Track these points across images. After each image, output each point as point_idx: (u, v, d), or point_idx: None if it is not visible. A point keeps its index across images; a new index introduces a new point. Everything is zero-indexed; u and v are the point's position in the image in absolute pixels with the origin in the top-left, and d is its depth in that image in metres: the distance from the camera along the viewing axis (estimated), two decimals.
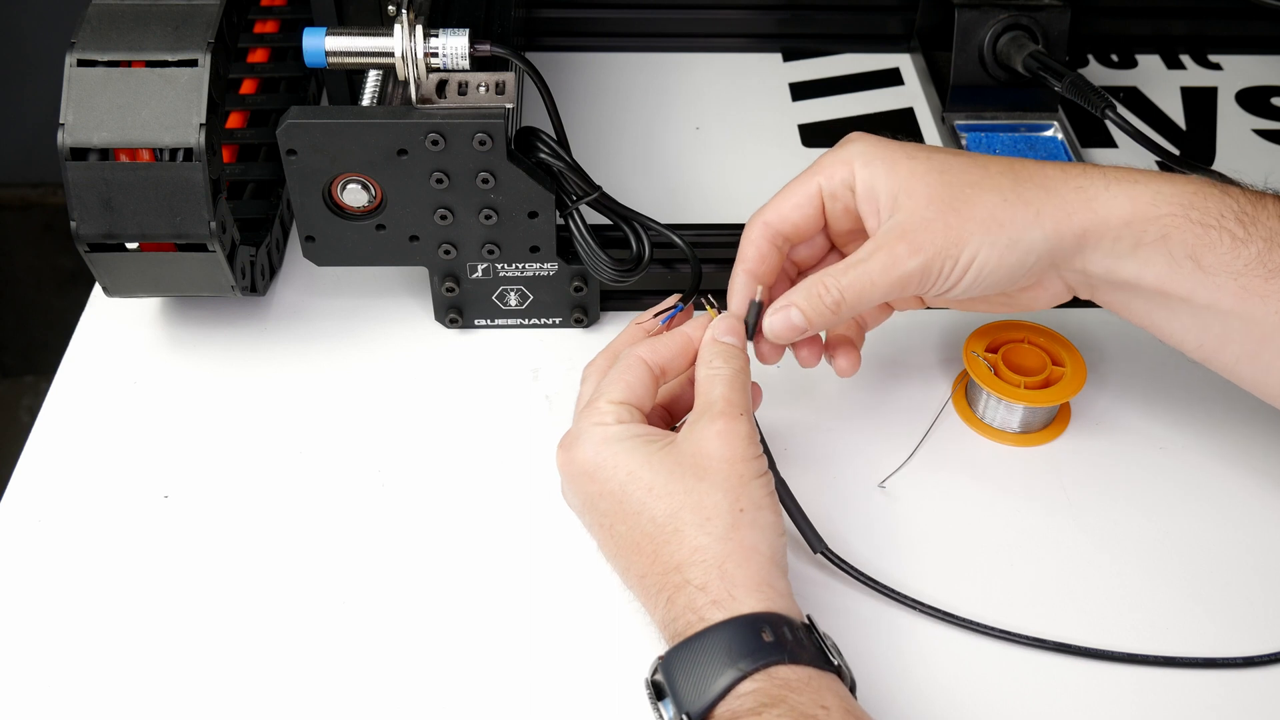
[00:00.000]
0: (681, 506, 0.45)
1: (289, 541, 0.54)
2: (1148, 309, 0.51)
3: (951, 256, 0.49)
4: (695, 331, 0.51)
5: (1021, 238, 0.49)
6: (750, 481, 0.46)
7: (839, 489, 0.56)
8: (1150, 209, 0.48)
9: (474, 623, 0.51)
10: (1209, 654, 0.50)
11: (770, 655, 0.42)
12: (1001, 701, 0.49)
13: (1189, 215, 0.48)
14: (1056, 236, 0.49)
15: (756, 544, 0.45)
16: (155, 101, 0.54)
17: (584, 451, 0.48)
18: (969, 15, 0.74)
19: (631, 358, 0.50)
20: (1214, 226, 0.48)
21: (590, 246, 0.59)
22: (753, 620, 0.43)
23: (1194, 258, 0.48)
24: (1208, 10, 0.85)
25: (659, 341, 0.51)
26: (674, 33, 0.84)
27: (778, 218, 0.53)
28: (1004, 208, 0.49)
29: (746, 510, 0.45)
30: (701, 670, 0.42)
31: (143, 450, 0.58)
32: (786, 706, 0.40)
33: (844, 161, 0.51)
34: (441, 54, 0.56)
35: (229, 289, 0.59)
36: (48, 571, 0.53)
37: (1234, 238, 0.48)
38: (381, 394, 0.61)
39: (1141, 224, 0.48)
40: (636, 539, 0.46)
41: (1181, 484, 0.57)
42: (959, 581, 0.53)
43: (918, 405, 0.60)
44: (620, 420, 0.48)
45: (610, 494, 0.47)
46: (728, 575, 0.44)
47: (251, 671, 0.49)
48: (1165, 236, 0.48)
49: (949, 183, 0.50)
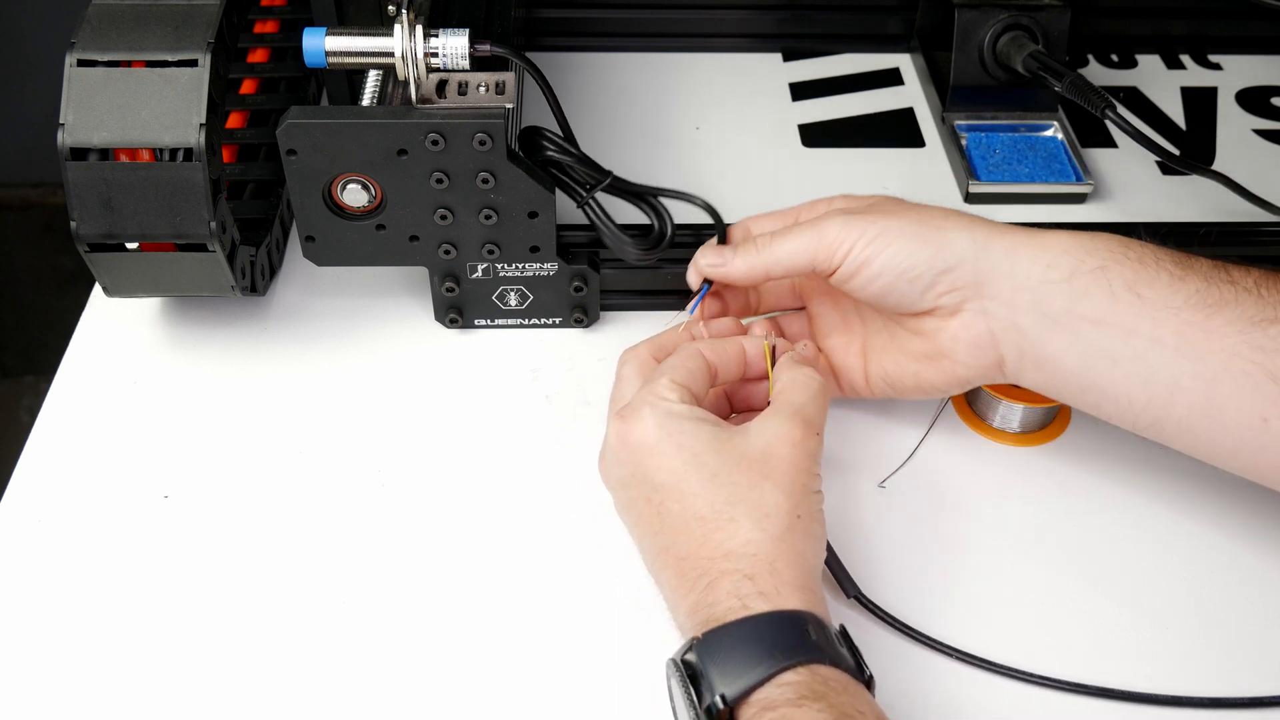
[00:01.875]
0: (743, 499, 0.46)
1: (289, 541, 0.54)
2: (1086, 360, 0.49)
3: (874, 224, 0.50)
4: (750, 345, 0.53)
5: (947, 232, 0.50)
6: (810, 494, 0.47)
7: (839, 489, 0.56)
8: (1088, 243, 0.49)
9: (474, 623, 0.51)
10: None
11: (814, 653, 0.42)
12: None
13: (1126, 253, 0.49)
14: (985, 244, 0.50)
15: (805, 551, 0.46)
16: (155, 101, 0.54)
17: (646, 425, 0.48)
18: (969, 15, 0.74)
19: (693, 349, 0.51)
20: (1151, 264, 0.48)
21: (612, 231, 0.59)
22: (798, 617, 0.43)
23: (1133, 290, 0.48)
24: (1208, 10, 0.85)
25: (719, 344, 0.52)
26: (674, 33, 0.84)
27: (755, 222, 0.58)
28: (942, 215, 0.51)
29: (803, 518, 0.46)
30: (743, 655, 0.42)
31: (143, 450, 0.58)
32: (827, 704, 0.40)
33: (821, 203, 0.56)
34: (441, 54, 0.56)
35: (229, 289, 0.59)
36: (48, 571, 0.53)
37: (1171, 275, 0.48)
38: (381, 394, 0.61)
39: (1079, 254, 0.49)
40: (687, 520, 0.46)
41: (1181, 484, 0.57)
42: (957, 582, 0.53)
43: (918, 405, 0.60)
44: (683, 400, 0.49)
45: (670, 469, 0.47)
46: (777, 572, 0.44)
47: (252, 671, 0.49)
48: (1103, 267, 0.48)
49: (888, 200, 0.54)
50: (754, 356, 0.52)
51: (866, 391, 0.56)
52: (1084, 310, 0.48)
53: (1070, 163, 0.74)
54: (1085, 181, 0.73)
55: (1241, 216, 0.70)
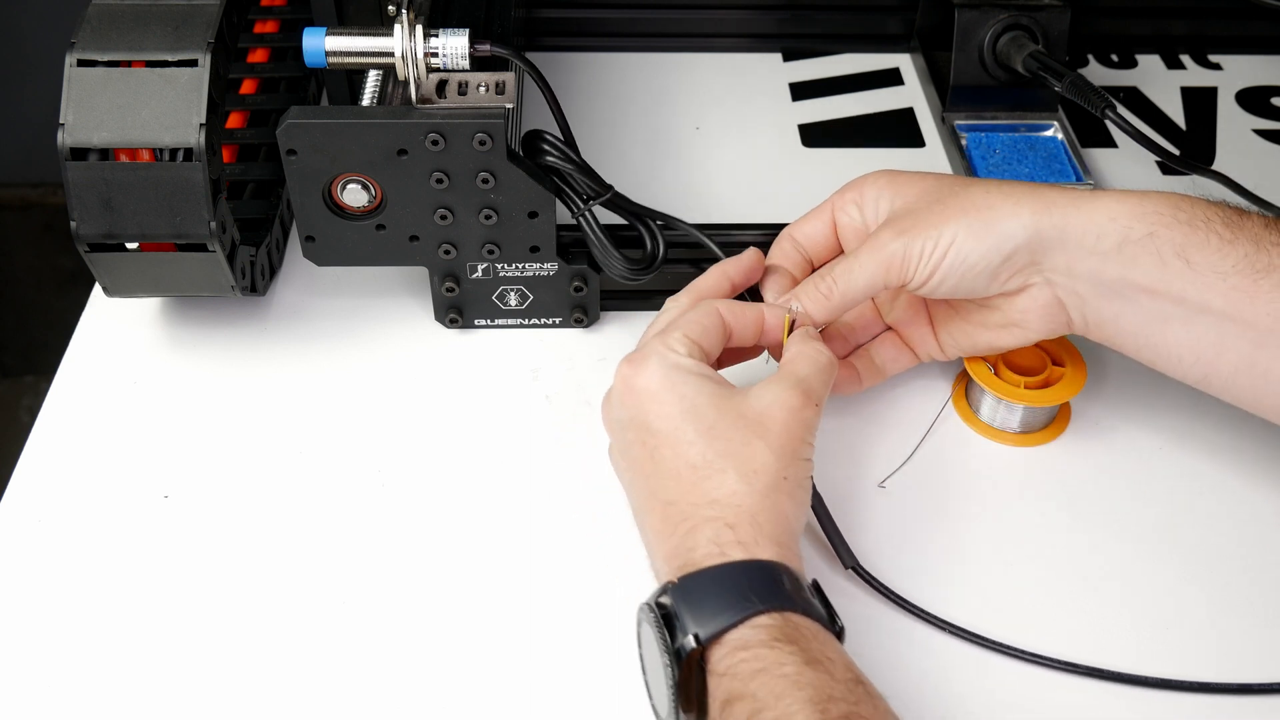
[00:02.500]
0: (734, 454, 0.47)
1: (289, 541, 0.54)
2: (1140, 323, 0.51)
3: (931, 237, 0.51)
4: (770, 315, 0.53)
5: (999, 221, 0.50)
6: (800, 460, 0.48)
7: (839, 489, 0.56)
8: (1135, 207, 0.49)
9: (474, 622, 0.51)
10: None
11: (786, 601, 0.43)
12: (1004, 715, 0.49)
13: (1176, 215, 0.49)
14: (1035, 226, 0.50)
15: (787, 512, 0.47)
16: (155, 101, 0.54)
17: (651, 372, 0.49)
18: (969, 15, 0.74)
19: (710, 307, 0.52)
20: (1200, 227, 0.49)
21: (604, 246, 0.59)
22: (773, 567, 0.44)
23: (1182, 255, 0.49)
24: (1208, 10, 0.85)
25: (738, 306, 0.53)
26: (674, 33, 0.84)
27: (797, 229, 0.57)
28: (985, 196, 0.51)
29: (789, 480, 0.47)
30: (718, 598, 0.43)
31: (143, 450, 0.58)
32: (799, 647, 0.41)
33: (855, 185, 0.56)
34: (441, 54, 0.56)
35: (229, 289, 0.59)
36: (48, 571, 0.53)
37: (1221, 238, 0.48)
38: (381, 394, 0.61)
39: (1127, 220, 0.49)
40: (678, 466, 0.47)
41: (1181, 484, 0.57)
42: (957, 582, 0.53)
43: (918, 405, 0.60)
44: (690, 354, 0.50)
45: (669, 417, 0.48)
46: (758, 524, 0.46)
47: (252, 671, 0.49)
48: (1152, 234, 0.49)
49: (940, 184, 0.53)
50: (772, 325, 0.53)
51: (942, 356, 0.59)
52: (1135, 277, 0.49)
53: (1070, 163, 0.74)
54: (1085, 181, 0.73)
55: None
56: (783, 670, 0.40)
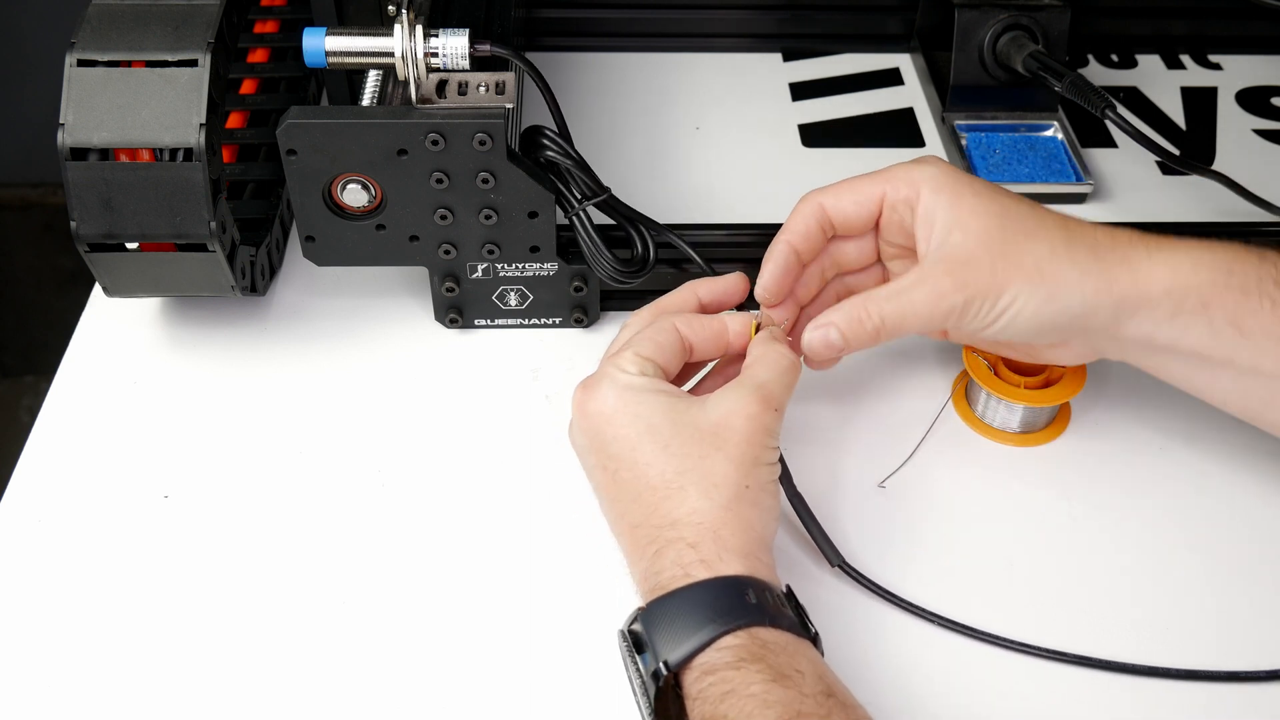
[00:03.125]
0: (692, 469, 0.47)
1: (289, 541, 0.54)
2: (1187, 373, 0.51)
3: (991, 298, 0.49)
4: (733, 323, 0.53)
5: (1060, 294, 0.49)
6: (762, 466, 0.48)
7: (839, 489, 0.56)
8: (1190, 277, 0.49)
9: (474, 622, 0.51)
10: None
11: (753, 616, 0.43)
12: (1011, 711, 0.49)
13: (1229, 281, 0.49)
14: (1095, 302, 0.49)
15: (752, 521, 0.47)
16: (155, 101, 0.54)
17: (604, 395, 0.49)
18: (969, 15, 0.74)
19: (667, 322, 0.52)
20: (1254, 292, 0.48)
21: (595, 246, 0.59)
22: (737, 582, 0.44)
23: (1234, 324, 0.48)
24: (1208, 10, 0.85)
25: (696, 319, 0.52)
26: (674, 33, 0.84)
27: (834, 204, 0.53)
28: (1051, 261, 0.49)
29: (751, 488, 0.47)
30: (684, 622, 0.43)
31: (143, 450, 0.58)
32: (765, 665, 0.41)
33: (912, 182, 0.52)
34: (441, 54, 0.56)
35: (229, 289, 0.59)
36: (48, 571, 0.53)
37: (1274, 302, 0.48)
38: (381, 394, 0.61)
39: (1181, 292, 0.49)
40: (639, 489, 0.47)
41: (1182, 484, 0.57)
42: (957, 582, 0.53)
43: (918, 405, 0.60)
44: (643, 373, 0.49)
45: (624, 439, 0.48)
46: (720, 539, 0.45)
47: (252, 671, 0.49)
48: (1205, 304, 0.49)
49: (1005, 226, 0.50)
50: (739, 334, 0.53)
51: (946, 339, 0.57)
52: (1186, 344, 0.50)
53: (1070, 163, 0.74)
54: (1085, 181, 0.73)
55: (1241, 216, 0.70)
56: (750, 690, 0.40)
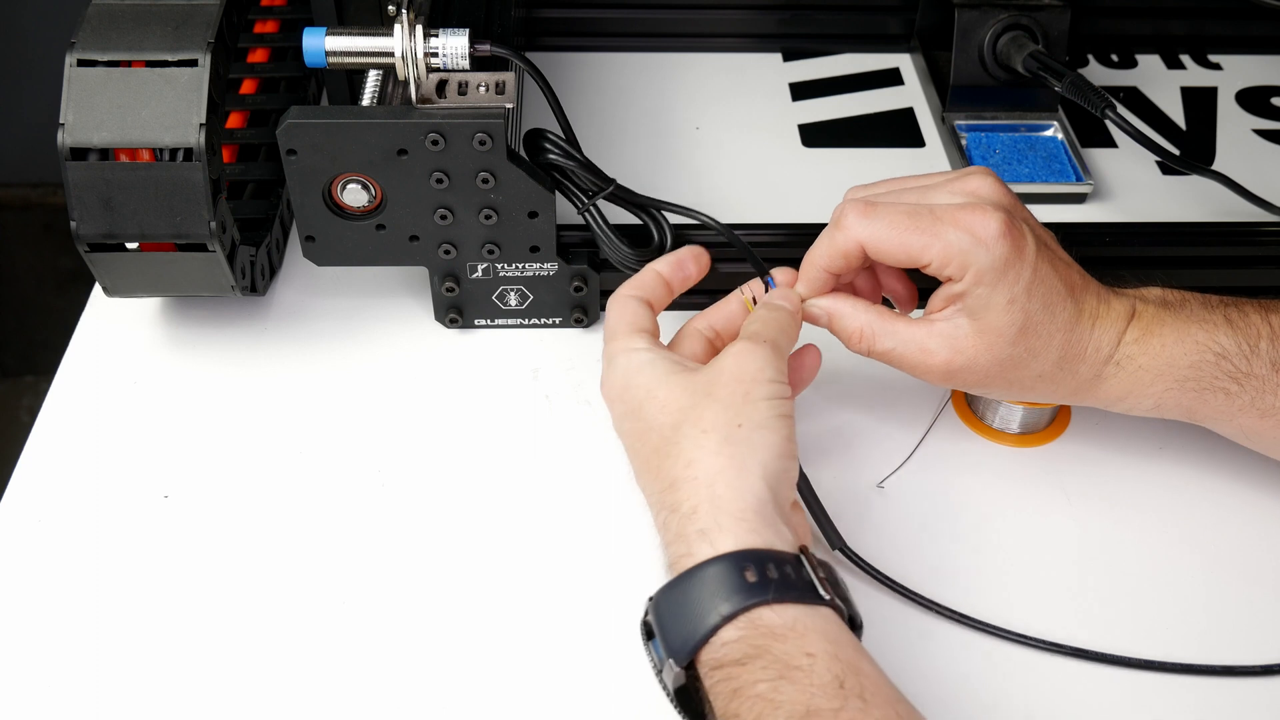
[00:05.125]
0: (685, 420, 0.46)
1: (289, 541, 0.54)
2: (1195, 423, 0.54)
3: (979, 386, 0.52)
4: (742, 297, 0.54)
5: (1046, 399, 0.53)
6: (757, 401, 0.45)
7: (838, 489, 0.56)
8: (1213, 369, 0.51)
9: (474, 622, 0.51)
10: (1206, 656, 0.50)
11: (753, 596, 0.40)
12: (1012, 703, 0.49)
13: (1235, 370, 0.51)
14: (1079, 400, 0.53)
15: (747, 461, 0.44)
16: (155, 101, 0.54)
17: (614, 374, 0.49)
18: (969, 15, 0.74)
19: (689, 329, 0.53)
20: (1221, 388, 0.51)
21: (611, 239, 0.59)
22: (736, 559, 0.41)
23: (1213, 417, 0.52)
24: (1208, 10, 0.85)
25: (710, 312, 0.54)
26: (674, 33, 0.84)
27: (873, 249, 0.50)
28: (1037, 382, 0.51)
29: (745, 426, 0.45)
30: (686, 613, 0.41)
31: (143, 450, 0.58)
32: (770, 658, 0.39)
33: (963, 266, 0.48)
34: (441, 54, 0.56)
35: (229, 289, 0.59)
36: (48, 571, 0.53)
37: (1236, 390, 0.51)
38: (381, 394, 0.61)
39: (1158, 400, 0.52)
40: (647, 455, 0.47)
41: (1181, 484, 0.57)
42: (957, 582, 0.53)
43: (918, 405, 0.60)
44: (651, 347, 0.49)
45: (633, 413, 0.48)
46: (717, 500, 0.43)
47: (251, 671, 0.49)
48: (1190, 412, 0.52)
49: (1016, 344, 0.49)
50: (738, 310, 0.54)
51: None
52: (1201, 412, 0.52)
53: (1070, 163, 0.74)
54: (1085, 181, 0.73)
55: (1241, 216, 0.70)
56: (756, 690, 0.39)
